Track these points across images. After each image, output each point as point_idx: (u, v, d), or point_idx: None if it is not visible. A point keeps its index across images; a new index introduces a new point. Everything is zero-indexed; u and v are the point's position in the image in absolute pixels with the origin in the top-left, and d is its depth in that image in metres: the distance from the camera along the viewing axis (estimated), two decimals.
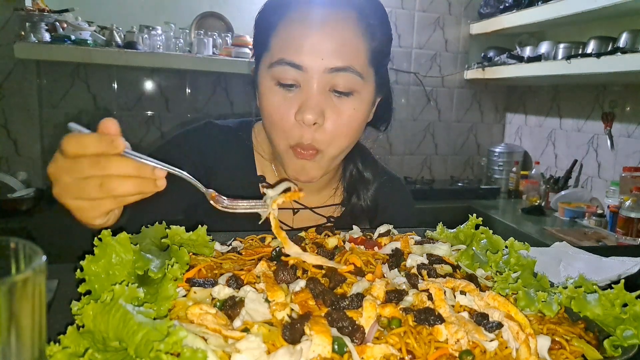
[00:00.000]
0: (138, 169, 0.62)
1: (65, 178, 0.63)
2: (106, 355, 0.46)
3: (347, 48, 0.88)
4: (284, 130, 0.91)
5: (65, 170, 0.63)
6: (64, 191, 0.64)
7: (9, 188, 2.44)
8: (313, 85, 0.87)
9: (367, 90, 0.93)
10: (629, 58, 2.15)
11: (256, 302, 0.58)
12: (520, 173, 3.35)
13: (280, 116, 0.90)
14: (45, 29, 2.43)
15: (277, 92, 0.90)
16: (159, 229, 0.75)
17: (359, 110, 0.92)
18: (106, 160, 0.61)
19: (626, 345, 0.53)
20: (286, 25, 0.89)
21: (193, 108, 2.95)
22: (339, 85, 0.89)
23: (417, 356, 0.52)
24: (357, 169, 1.12)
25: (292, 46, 0.87)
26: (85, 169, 0.61)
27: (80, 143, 0.61)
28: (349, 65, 0.88)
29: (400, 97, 3.41)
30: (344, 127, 0.92)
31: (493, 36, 3.41)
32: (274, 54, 0.89)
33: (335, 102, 0.90)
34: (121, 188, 0.62)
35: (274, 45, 0.90)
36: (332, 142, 0.92)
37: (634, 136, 2.66)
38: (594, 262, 1.05)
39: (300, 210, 1.10)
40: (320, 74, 0.87)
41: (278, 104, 0.90)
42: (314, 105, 0.87)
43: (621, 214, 2.33)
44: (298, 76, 0.88)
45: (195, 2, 2.92)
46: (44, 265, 0.37)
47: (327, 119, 0.89)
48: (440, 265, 0.75)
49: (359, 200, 1.10)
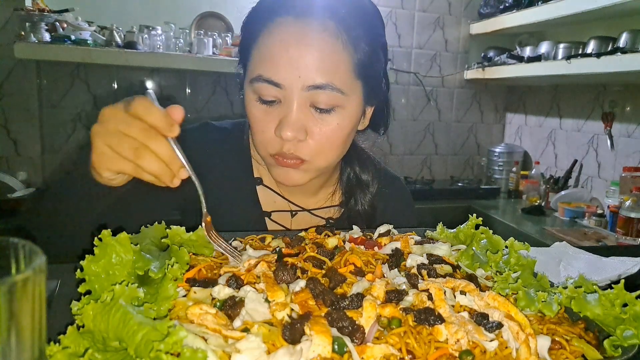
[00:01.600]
0: (170, 159, 0.67)
1: (112, 125, 0.67)
2: (106, 355, 0.46)
3: (326, 64, 0.85)
4: (264, 141, 0.91)
5: (118, 119, 0.67)
6: (103, 133, 0.68)
7: (9, 188, 2.44)
8: (293, 102, 0.86)
9: (351, 103, 0.90)
10: (629, 58, 2.15)
11: (256, 302, 0.58)
12: (520, 173, 3.35)
13: (261, 129, 0.90)
14: (45, 29, 2.43)
15: (257, 107, 0.90)
16: (159, 229, 0.75)
17: (344, 124, 0.90)
18: (155, 135, 0.66)
19: (626, 345, 0.53)
20: (265, 37, 0.87)
21: (193, 108, 2.95)
22: (319, 102, 0.87)
23: (417, 356, 0.52)
24: (354, 173, 1.11)
25: (270, 63, 0.86)
26: (134, 129, 0.66)
27: (149, 109, 0.67)
28: (327, 83, 0.85)
29: (400, 97, 3.41)
30: (328, 142, 0.90)
31: (493, 36, 3.41)
32: (253, 69, 0.88)
33: (317, 118, 0.88)
34: (147, 162, 0.66)
35: (253, 58, 0.89)
36: (317, 155, 0.91)
37: (634, 136, 2.66)
38: (594, 262, 1.05)
39: (299, 212, 1.09)
40: (298, 91, 0.85)
41: (259, 118, 0.90)
42: (293, 121, 0.86)
43: (621, 214, 2.33)
44: (277, 93, 0.87)
45: (195, 2, 2.92)
46: (44, 265, 0.37)
47: (310, 134, 0.88)
48: (440, 265, 0.75)
49: (356, 205, 1.09)
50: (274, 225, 1.06)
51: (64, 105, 2.72)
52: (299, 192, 1.08)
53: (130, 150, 0.66)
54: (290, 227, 1.08)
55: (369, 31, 0.91)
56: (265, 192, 1.07)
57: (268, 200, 1.07)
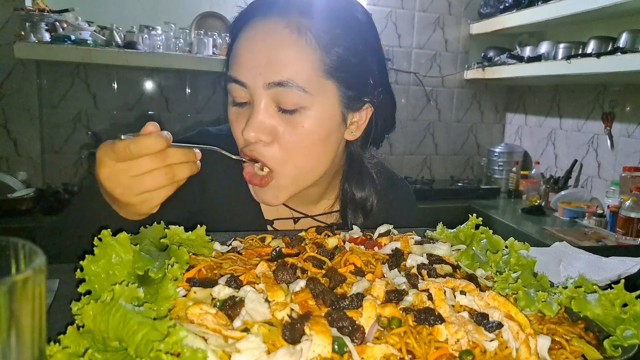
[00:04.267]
0: (186, 155, 0.73)
1: (125, 179, 0.70)
2: (106, 355, 0.46)
3: (287, 62, 0.83)
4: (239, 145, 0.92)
5: (124, 171, 0.70)
6: (127, 190, 0.71)
7: (9, 188, 2.44)
8: (258, 103, 0.85)
9: (319, 106, 0.86)
10: (629, 58, 2.15)
11: (256, 302, 0.58)
12: (520, 173, 3.35)
13: (234, 132, 0.92)
14: (45, 29, 2.43)
15: (231, 109, 0.91)
16: (158, 229, 0.75)
17: (312, 127, 0.86)
18: (165, 152, 0.70)
19: (626, 345, 0.53)
20: (235, 41, 0.89)
21: (193, 108, 2.95)
22: (282, 102, 0.85)
23: (417, 356, 0.52)
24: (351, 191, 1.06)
25: (236, 62, 0.87)
26: (147, 164, 0.70)
27: (139, 145, 0.68)
28: (288, 80, 0.83)
29: (400, 97, 3.41)
30: (296, 147, 0.87)
31: (493, 36, 3.41)
32: (227, 72, 0.90)
33: (282, 119, 0.86)
34: (182, 173, 0.72)
35: (228, 62, 0.91)
36: (285, 162, 0.88)
37: (634, 136, 2.66)
38: (594, 262, 1.05)
39: (301, 219, 1.08)
40: (260, 89, 0.84)
41: (232, 120, 0.91)
42: (257, 123, 0.85)
43: (621, 214, 2.33)
44: (245, 93, 0.87)
45: (195, 2, 2.92)
46: (44, 265, 0.37)
47: (277, 138, 0.87)
48: (440, 265, 0.75)
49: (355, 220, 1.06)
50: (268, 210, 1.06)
51: (64, 105, 2.72)
52: (300, 201, 1.06)
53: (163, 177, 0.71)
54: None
55: (349, 33, 0.88)
56: None
57: (270, 209, 1.06)
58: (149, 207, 0.74)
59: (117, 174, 0.70)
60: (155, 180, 0.71)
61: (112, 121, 2.81)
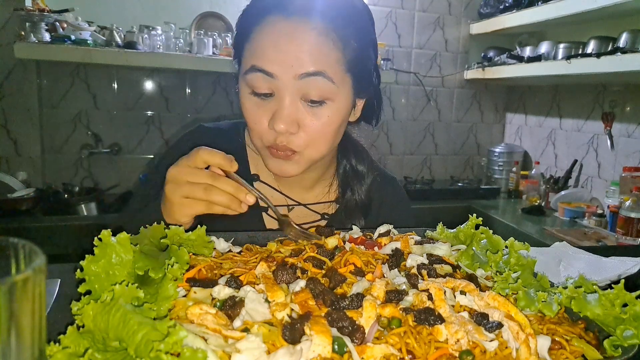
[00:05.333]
0: (236, 190, 0.81)
1: (182, 179, 0.81)
2: (106, 355, 0.46)
3: (318, 55, 0.88)
4: (259, 133, 0.94)
5: (185, 173, 0.81)
6: (177, 188, 0.82)
7: (9, 188, 2.44)
8: (285, 94, 0.89)
9: (341, 97, 0.93)
10: (629, 58, 2.15)
11: (256, 302, 0.58)
12: (520, 173, 3.35)
13: (254, 121, 0.93)
14: (45, 29, 2.43)
15: (251, 100, 0.92)
16: (158, 229, 0.75)
17: (334, 116, 0.93)
18: (218, 176, 0.81)
19: (626, 345, 0.53)
20: (258, 32, 0.90)
21: (193, 108, 2.95)
22: (311, 93, 0.89)
23: (417, 356, 0.52)
24: (350, 165, 1.14)
25: (263, 53, 0.88)
26: (200, 177, 0.81)
27: (211, 154, 0.82)
28: (319, 70, 0.88)
29: (400, 97, 3.41)
30: (319, 134, 0.93)
31: (493, 36, 3.41)
32: (247, 61, 0.91)
33: (308, 111, 0.91)
34: (218, 197, 0.80)
35: (246, 52, 0.92)
36: (309, 146, 0.94)
37: (634, 136, 2.66)
38: (594, 262, 1.05)
39: (295, 207, 1.11)
40: (291, 80, 0.87)
41: (253, 112, 0.93)
42: (286, 115, 0.89)
43: (621, 214, 2.33)
44: (270, 84, 0.89)
45: (195, 2, 2.92)
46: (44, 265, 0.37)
47: (302, 126, 0.91)
48: (440, 265, 0.75)
49: (353, 195, 1.11)
50: (271, 220, 1.08)
51: (64, 105, 2.72)
52: (296, 186, 1.11)
53: (202, 191, 0.80)
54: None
55: (359, 30, 0.95)
56: (263, 188, 1.10)
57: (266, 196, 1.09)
58: (182, 214, 0.82)
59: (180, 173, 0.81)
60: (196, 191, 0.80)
61: (112, 121, 2.81)
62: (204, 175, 0.81)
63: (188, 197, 0.81)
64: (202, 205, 0.81)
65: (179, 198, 0.81)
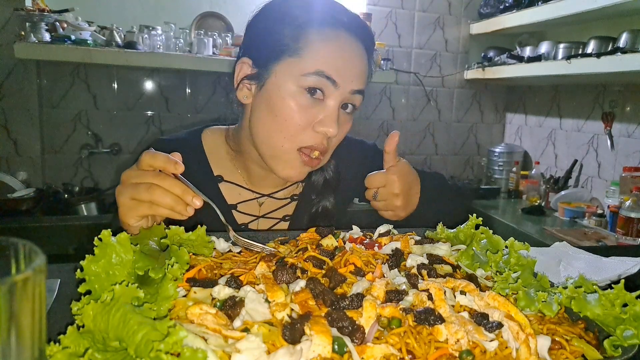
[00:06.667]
0: (183, 191, 0.77)
1: (129, 181, 0.79)
2: (106, 355, 0.46)
3: (365, 74, 1.00)
4: (293, 134, 0.95)
5: (132, 176, 0.79)
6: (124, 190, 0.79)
7: (9, 188, 2.44)
8: (338, 102, 0.95)
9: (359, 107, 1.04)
10: (629, 58, 2.15)
11: (256, 302, 0.58)
12: (520, 173, 3.35)
13: (297, 121, 0.94)
14: (45, 29, 2.43)
15: (303, 99, 0.94)
16: (159, 229, 0.75)
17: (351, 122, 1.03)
18: (164, 176, 0.77)
19: (626, 345, 0.53)
20: (324, 41, 0.94)
21: (193, 108, 2.95)
22: (350, 105, 0.99)
23: (417, 356, 0.52)
24: None
25: (332, 62, 0.94)
26: (146, 177, 0.78)
27: (154, 156, 0.78)
28: (364, 89, 0.99)
29: (400, 97, 3.41)
30: (341, 137, 1.02)
31: (493, 36, 3.41)
32: (309, 64, 0.93)
33: (342, 117, 0.99)
34: (161, 198, 0.76)
35: (307, 54, 0.94)
36: (332, 149, 1.02)
37: (634, 136, 2.66)
38: (594, 262, 1.05)
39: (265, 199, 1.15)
40: (346, 93, 0.96)
41: (300, 111, 0.94)
42: (336, 119, 0.95)
43: (621, 214, 2.33)
44: (329, 91, 0.94)
45: (195, 2, 2.92)
46: (44, 265, 0.37)
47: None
48: (440, 265, 0.75)
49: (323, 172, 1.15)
50: (242, 216, 1.12)
51: (64, 105, 2.72)
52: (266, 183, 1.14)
53: (145, 192, 0.76)
54: (259, 214, 1.13)
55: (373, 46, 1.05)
56: (228, 187, 1.13)
57: (233, 194, 1.13)
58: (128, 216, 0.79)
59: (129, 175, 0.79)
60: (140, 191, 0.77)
61: (112, 121, 2.81)
62: (148, 176, 0.77)
63: (134, 199, 0.78)
64: (145, 206, 0.77)
65: (125, 199, 0.79)
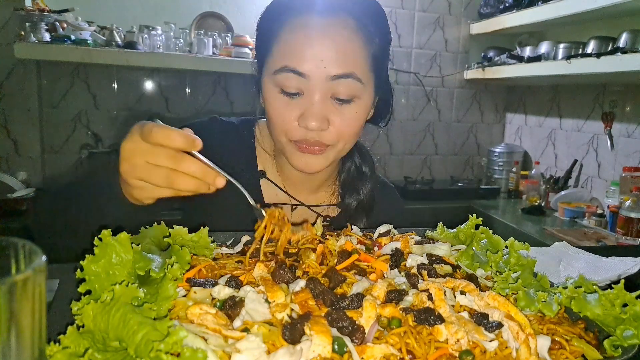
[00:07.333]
0: (204, 173, 0.69)
1: (138, 159, 0.69)
2: (106, 355, 0.46)
3: (348, 56, 0.90)
4: (285, 129, 0.94)
5: (141, 152, 0.69)
6: (132, 170, 0.70)
7: (9, 188, 2.44)
8: (315, 93, 0.89)
9: (367, 94, 0.95)
10: (629, 58, 2.15)
11: (256, 302, 0.58)
12: (520, 173, 3.35)
13: (282, 120, 0.93)
14: (45, 29, 2.43)
15: (280, 99, 0.92)
16: (159, 229, 0.75)
17: (360, 113, 0.95)
18: (181, 157, 0.68)
19: (626, 345, 0.53)
20: (288, 32, 0.90)
21: (193, 108, 2.95)
22: (340, 92, 0.91)
23: (417, 356, 0.52)
24: (355, 165, 1.14)
25: (295, 54, 0.88)
26: (160, 158, 0.68)
27: (168, 135, 0.67)
28: (350, 72, 0.89)
29: (400, 97, 3.40)
30: (348, 129, 0.95)
31: (493, 36, 3.41)
32: (276, 61, 0.91)
33: (337, 108, 0.92)
34: (183, 184, 0.69)
35: (276, 51, 0.92)
36: (339, 140, 0.95)
37: (634, 136, 2.66)
38: (594, 262, 1.05)
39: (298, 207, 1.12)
40: (322, 81, 0.89)
41: (282, 110, 0.92)
42: (316, 112, 0.89)
43: (621, 214, 2.33)
44: (301, 84, 0.89)
45: (195, 2, 2.92)
46: (44, 265, 0.37)
47: (331, 123, 0.92)
48: (440, 265, 0.75)
49: (358, 196, 1.11)
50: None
51: (64, 105, 2.72)
52: (302, 188, 1.12)
53: (163, 178, 0.69)
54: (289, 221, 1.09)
55: (381, 27, 0.97)
56: (268, 186, 1.11)
57: (270, 194, 1.11)
58: (142, 196, 0.73)
59: (135, 151, 0.69)
60: (156, 176, 0.69)
61: (112, 121, 2.81)
62: (164, 157, 0.68)
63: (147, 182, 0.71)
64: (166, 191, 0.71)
65: (136, 182, 0.71)
